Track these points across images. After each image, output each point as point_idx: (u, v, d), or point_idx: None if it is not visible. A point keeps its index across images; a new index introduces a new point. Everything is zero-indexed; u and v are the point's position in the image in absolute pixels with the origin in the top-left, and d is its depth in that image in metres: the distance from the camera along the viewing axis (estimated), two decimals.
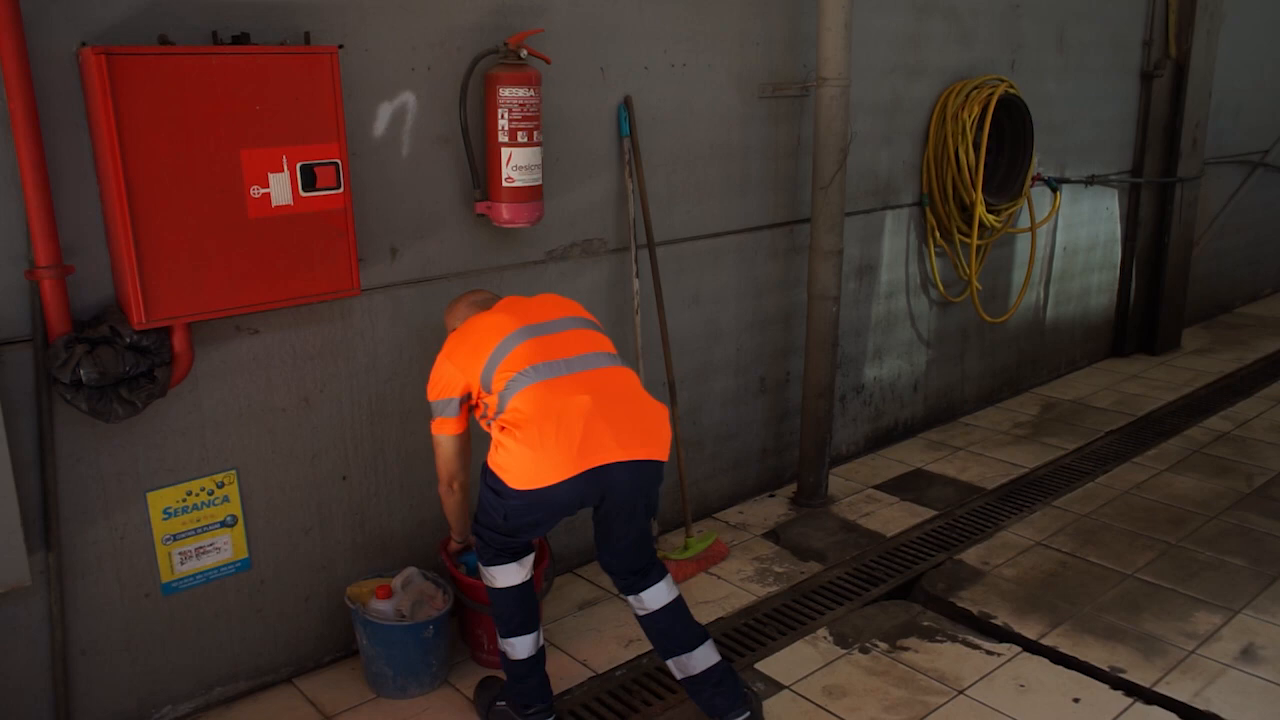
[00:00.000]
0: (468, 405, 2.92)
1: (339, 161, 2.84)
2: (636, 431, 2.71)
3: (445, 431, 2.95)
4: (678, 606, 2.93)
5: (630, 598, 2.95)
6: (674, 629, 2.92)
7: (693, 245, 4.12)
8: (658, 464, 2.78)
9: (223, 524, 3.03)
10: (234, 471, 3.03)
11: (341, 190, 2.87)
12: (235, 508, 3.04)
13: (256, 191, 2.73)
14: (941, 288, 5.26)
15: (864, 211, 4.77)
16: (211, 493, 2.99)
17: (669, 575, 2.96)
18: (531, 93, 3.26)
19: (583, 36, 3.58)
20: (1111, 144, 6.29)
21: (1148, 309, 6.78)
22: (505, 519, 2.76)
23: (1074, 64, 5.79)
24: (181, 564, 2.96)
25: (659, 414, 2.79)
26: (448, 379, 2.88)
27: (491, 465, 2.73)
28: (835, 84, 4.06)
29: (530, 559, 2.93)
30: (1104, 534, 4.21)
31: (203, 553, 3.01)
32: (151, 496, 2.88)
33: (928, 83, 4.93)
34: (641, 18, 3.73)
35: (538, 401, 2.65)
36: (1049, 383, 6.28)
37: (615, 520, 2.83)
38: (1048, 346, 6.25)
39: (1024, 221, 5.60)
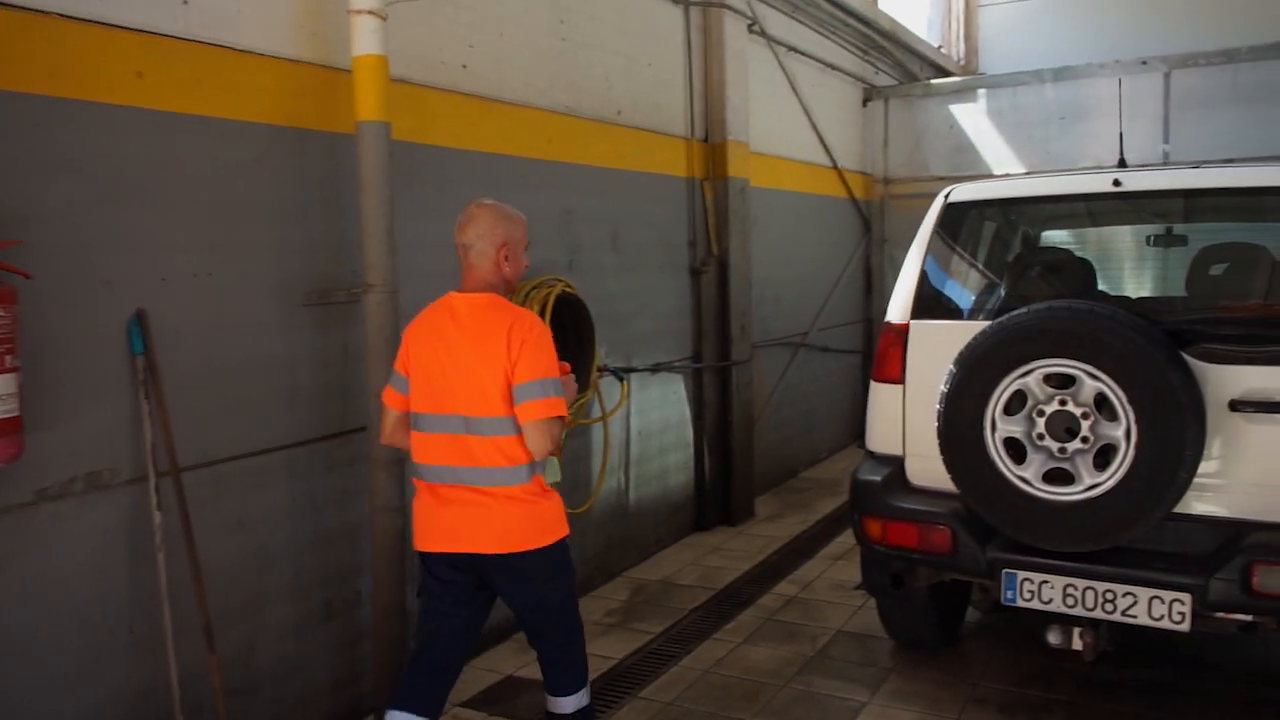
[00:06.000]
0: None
1: None
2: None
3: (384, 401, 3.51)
4: None
5: None
6: None
7: (235, 465, 3.75)
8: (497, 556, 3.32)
9: None
10: None
11: None
12: None
13: None
14: None
15: None
16: None
17: None
18: (3, 313, 2.83)
19: (82, 248, 3.23)
20: (672, 333, 6.80)
21: (722, 482, 7.26)
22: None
23: (630, 263, 6.24)
24: None
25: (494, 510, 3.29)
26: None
27: None
28: (381, 290, 4.00)
29: None
30: None
31: None
32: None
33: None
34: (156, 227, 3.45)
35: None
36: (639, 564, 6.42)
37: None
38: (634, 528, 6.44)
39: (596, 411, 5.81)
